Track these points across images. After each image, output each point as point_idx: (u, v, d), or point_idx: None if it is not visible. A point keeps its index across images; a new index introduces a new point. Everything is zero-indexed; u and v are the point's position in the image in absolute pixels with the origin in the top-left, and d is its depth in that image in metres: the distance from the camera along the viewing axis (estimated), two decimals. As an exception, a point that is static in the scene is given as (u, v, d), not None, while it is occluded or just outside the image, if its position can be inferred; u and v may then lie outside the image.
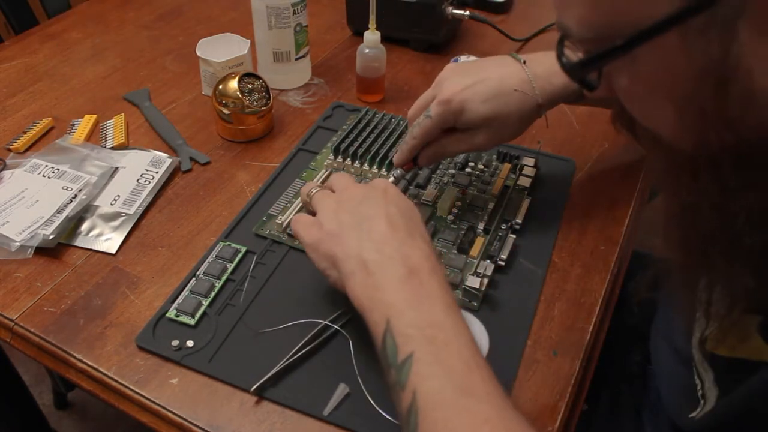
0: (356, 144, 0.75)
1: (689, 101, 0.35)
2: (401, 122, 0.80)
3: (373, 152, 0.74)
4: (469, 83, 0.62)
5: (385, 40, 0.86)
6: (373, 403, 0.52)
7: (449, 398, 0.40)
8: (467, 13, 0.99)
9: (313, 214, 0.56)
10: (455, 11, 0.97)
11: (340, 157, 0.76)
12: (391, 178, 0.67)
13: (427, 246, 0.50)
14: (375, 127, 0.78)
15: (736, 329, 0.45)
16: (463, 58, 0.97)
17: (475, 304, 0.60)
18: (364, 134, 0.77)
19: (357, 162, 0.75)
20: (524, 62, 0.64)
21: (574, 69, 0.39)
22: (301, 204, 0.69)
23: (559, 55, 0.40)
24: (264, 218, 0.69)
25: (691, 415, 0.53)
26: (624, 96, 0.40)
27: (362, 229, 0.50)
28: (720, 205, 0.37)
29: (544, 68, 0.63)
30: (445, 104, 0.62)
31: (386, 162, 0.73)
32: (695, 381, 0.53)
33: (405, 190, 0.72)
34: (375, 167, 0.74)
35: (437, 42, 1.00)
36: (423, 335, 0.43)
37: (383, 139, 0.76)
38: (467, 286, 0.60)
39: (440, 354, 0.42)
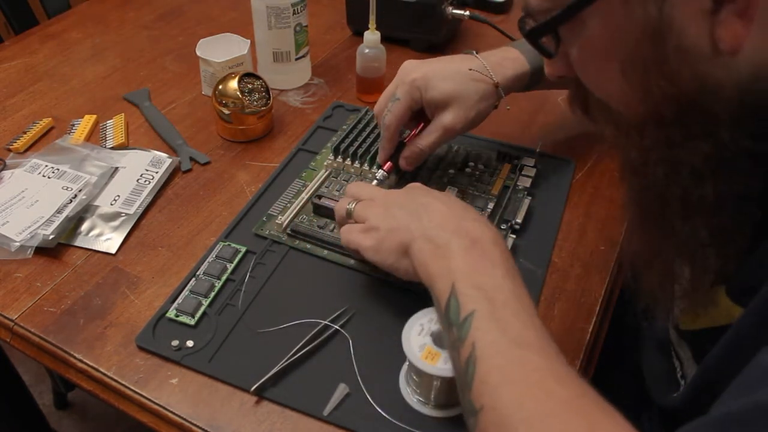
0: (356, 144, 0.75)
1: (632, 59, 0.40)
2: (401, 122, 0.80)
3: (372, 152, 0.74)
4: (429, 67, 0.68)
5: (385, 40, 0.86)
6: (373, 403, 0.52)
7: (505, 349, 0.43)
8: (467, 13, 0.99)
9: None
10: (455, 11, 0.97)
11: (339, 157, 0.76)
12: (375, 181, 0.68)
13: (484, 219, 0.53)
14: (375, 127, 0.78)
15: (706, 299, 0.48)
16: (463, 58, 0.97)
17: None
18: (364, 134, 0.77)
19: (357, 162, 0.75)
20: (476, 53, 0.70)
21: (532, 33, 0.46)
22: (301, 204, 0.69)
23: (521, 27, 0.47)
24: (264, 218, 0.69)
25: (674, 395, 0.55)
26: (578, 67, 0.45)
27: (420, 216, 0.53)
28: (666, 158, 0.42)
29: (495, 57, 0.70)
30: (410, 83, 0.67)
31: (386, 162, 0.73)
32: (674, 364, 0.55)
33: None
34: (375, 167, 0.74)
35: (437, 42, 1.00)
36: (484, 296, 0.46)
37: (383, 139, 0.76)
38: None
39: (499, 312, 0.45)
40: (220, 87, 0.78)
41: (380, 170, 0.69)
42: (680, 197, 0.42)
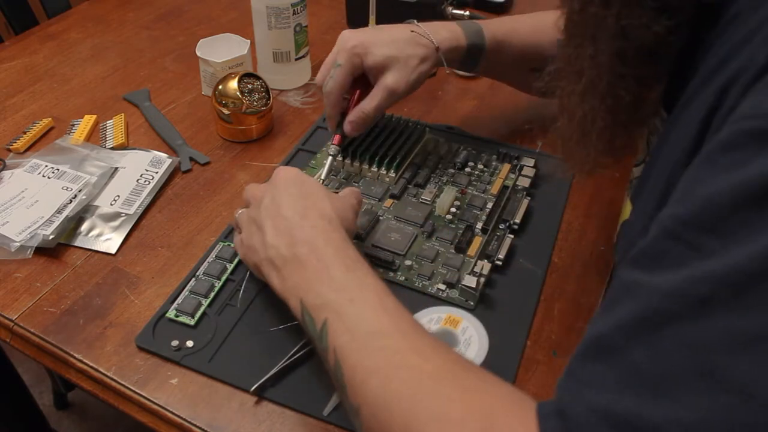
0: (356, 143, 0.75)
1: None
2: (401, 122, 0.80)
3: (372, 151, 0.74)
4: (368, 34, 0.70)
5: (384, 40, 0.86)
6: (372, 403, 0.52)
7: (361, 344, 0.44)
8: (467, 13, 0.98)
9: None
10: (455, 11, 0.97)
11: (339, 156, 0.76)
12: (329, 158, 0.70)
13: (320, 219, 0.53)
14: (375, 126, 0.78)
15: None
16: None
17: (472, 303, 0.60)
18: (364, 133, 0.77)
19: (356, 161, 0.75)
20: (416, 22, 0.73)
21: None
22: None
23: None
24: (264, 218, 0.69)
25: None
26: None
27: (263, 229, 0.54)
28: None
29: (435, 26, 0.73)
30: (350, 50, 0.69)
31: (386, 161, 0.73)
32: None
33: (404, 189, 0.72)
34: (374, 166, 0.74)
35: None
36: (331, 301, 0.47)
37: (383, 138, 0.76)
38: (464, 285, 0.60)
39: (348, 311, 0.46)
40: (220, 87, 0.78)
41: (332, 145, 0.71)
42: (591, 30, 0.43)
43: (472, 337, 0.53)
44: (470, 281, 0.60)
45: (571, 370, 0.35)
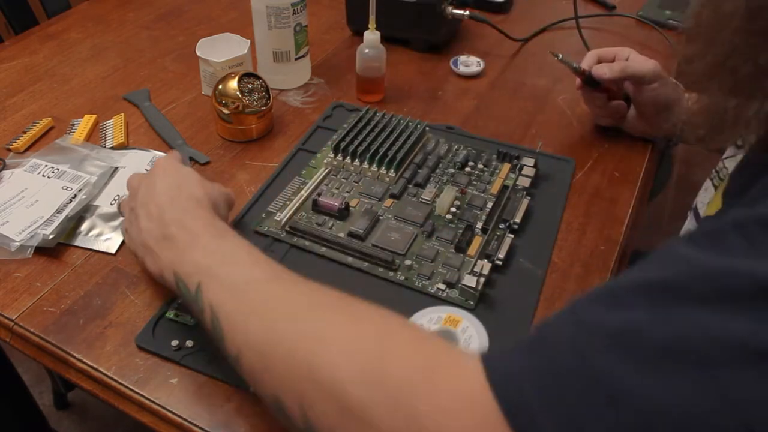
0: (356, 143, 0.75)
1: None
2: (401, 121, 0.80)
3: (372, 151, 0.74)
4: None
5: (385, 40, 0.86)
6: (372, 402, 0.52)
7: (236, 293, 0.46)
8: (467, 13, 0.98)
9: None
10: (455, 11, 0.97)
11: (340, 155, 0.76)
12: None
13: (190, 201, 0.55)
14: (375, 126, 0.78)
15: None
16: (462, 58, 0.97)
17: (472, 303, 0.60)
18: (364, 133, 0.77)
19: (357, 160, 0.75)
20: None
21: None
22: (301, 201, 0.70)
23: None
24: (263, 215, 0.69)
25: None
26: None
27: (138, 218, 0.56)
28: None
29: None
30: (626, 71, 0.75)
31: (386, 160, 0.73)
32: None
33: (404, 189, 0.72)
34: (375, 166, 0.74)
35: (437, 42, 1.00)
36: (203, 266, 0.49)
37: (383, 138, 0.76)
38: (464, 284, 0.60)
39: (220, 270, 0.48)
40: (220, 87, 0.78)
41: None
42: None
43: (472, 337, 0.53)
44: (470, 281, 0.60)
45: (574, 307, 0.34)
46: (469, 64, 0.96)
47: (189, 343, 0.56)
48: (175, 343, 0.56)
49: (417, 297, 0.61)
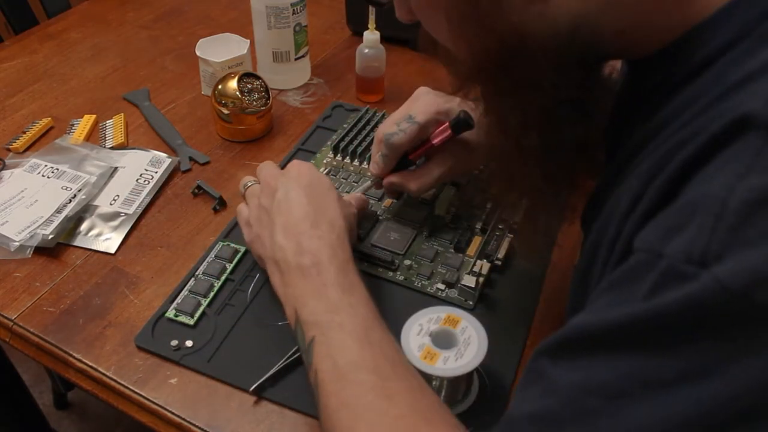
0: (356, 143, 0.75)
1: (453, 9, 0.41)
2: (401, 122, 0.80)
3: (372, 150, 0.74)
4: (444, 102, 0.64)
5: (384, 40, 0.86)
6: (372, 402, 0.52)
7: (340, 373, 0.46)
8: (467, 12, 0.98)
9: None
10: (455, 11, 0.97)
11: (339, 155, 0.76)
12: (359, 190, 0.67)
13: (330, 231, 0.54)
14: (375, 126, 0.78)
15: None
16: (462, 58, 0.97)
17: (471, 303, 0.60)
18: (364, 133, 0.77)
19: (356, 160, 0.75)
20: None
21: None
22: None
23: None
24: (263, 218, 0.69)
25: None
26: (415, 11, 0.46)
27: (273, 227, 0.54)
28: (496, 108, 0.44)
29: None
30: (434, 114, 0.63)
31: (386, 162, 0.73)
32: None
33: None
34: (374, 167, 0.74)
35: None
36: (322, 321, 0.48)
37: (383, 138, 0.76)
38: (463, 284, 0.60)
39: (335, 336, 0.47)
40: (220, 87, 0.78)
41: (369, 180, 0.68)
42: (515, 145, 0.43)
43: (471, 337, 0.53)
44: (469, 281, 0.60)
45: None
46: (468, 64, 0.96)
47: (188, 343, 0.56)
48: (174, 343, 0.56)
49: (416, 297, 0.61)
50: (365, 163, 0.74)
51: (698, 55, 0.36)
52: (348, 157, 0.75)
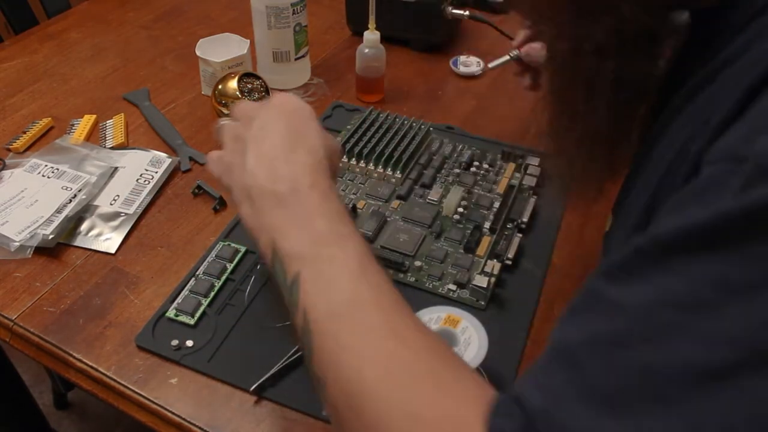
0: (361, 144, 0.75)
1: None
2: (405, 122, 0.80)
3: (378, 152, 0.74)
4: None
5: (384, 40, 0.86)
6: (372, 402, 0.52)
7: (335, 312, 0.40)
8: (467, 13, 0.98)
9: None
10: (455, 11, 0.97)
11: (345, 156, 0.75)
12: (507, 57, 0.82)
13: (309, 157, 0.48)
14: (380, 126, 0.78)
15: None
16: (462, 58, 0.97)
17: (483, 303, 0.60)
18: (369, 134, 0.77)
19: (362, 161, 0.75)
20: None
21: None
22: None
23: None
24: (264, 218, 0.69)
25: None
26: None
27: (245, 154, 0.48)
28: (569, 34, 0.42)
29: None
30: None
31: (392, 161, 0.73)
32: None
33: (411, 190, 0.72)
34: (380, 167, 0.74)
35: (437, 42, 1.00)
36: (308, 253, 0.43)
37: (388, 138, 0.76)
38: (475, 285, 0.60)
39: (325, 270, 0.42)
40: (220, 87, 0.78)
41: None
42: (584, 77, 0.42)
43: (472, 337, 0.53)
44: (481, 281, 0.60)
45: (535, 374, 0.34)
46: (469, 64, 0.96)
47: (189, 343, 0.56)
48: (174, 342, 0.56)
49: (428, 298, 0.61)
50: (371, 164, 0.74)
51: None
52: (354, 159, 0.75)
